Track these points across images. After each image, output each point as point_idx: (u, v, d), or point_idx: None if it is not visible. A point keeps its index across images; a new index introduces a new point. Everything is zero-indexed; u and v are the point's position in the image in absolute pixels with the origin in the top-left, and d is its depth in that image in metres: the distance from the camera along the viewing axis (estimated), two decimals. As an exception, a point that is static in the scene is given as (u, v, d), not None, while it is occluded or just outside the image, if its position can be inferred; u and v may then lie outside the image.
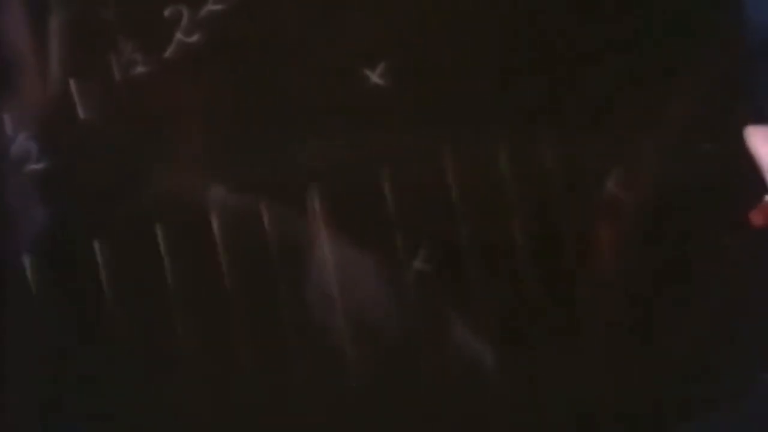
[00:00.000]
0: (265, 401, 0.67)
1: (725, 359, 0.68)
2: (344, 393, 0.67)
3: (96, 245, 0.66)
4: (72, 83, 0.65)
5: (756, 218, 0.57)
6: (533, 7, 0.66)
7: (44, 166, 0.65)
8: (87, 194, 0.66)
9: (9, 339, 0.66)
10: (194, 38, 0.64)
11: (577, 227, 0.67)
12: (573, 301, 0.67)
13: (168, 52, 0.65)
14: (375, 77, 0.65)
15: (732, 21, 0.67)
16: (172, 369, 0.67)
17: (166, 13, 0.64)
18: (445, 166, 0.66)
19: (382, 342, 0.66)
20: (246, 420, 0.67)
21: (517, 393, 0.68)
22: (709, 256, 0.68)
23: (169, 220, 0.66)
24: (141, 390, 0.66)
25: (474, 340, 0.67)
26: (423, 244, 0.66)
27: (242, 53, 0.65)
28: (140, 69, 0.65)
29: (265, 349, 0.66)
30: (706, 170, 0.66)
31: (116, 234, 0.66)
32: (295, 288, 0.66)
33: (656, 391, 0.68)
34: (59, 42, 0.64)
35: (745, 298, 0.68)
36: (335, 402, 0.67)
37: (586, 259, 0.67)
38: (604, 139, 0.66)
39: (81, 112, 0.65)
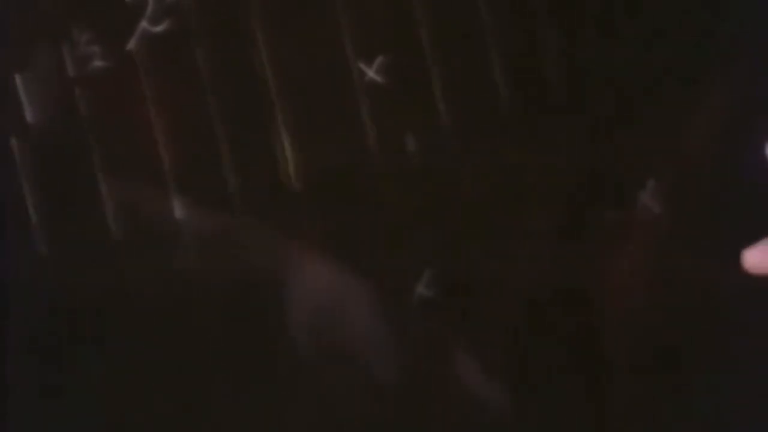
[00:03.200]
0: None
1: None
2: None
3: (48, 267, 0.62)
4: (18, 80, 0.62)
5: None
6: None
7: (-15, 176, 0.63)
8: (36, 210, 0.62)
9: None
10: (161, 27, 0.62)
11: (604, 247, 0.65)
12: (596, 335, 0.66)
13: (130, 44, 0.62)
14: (371, 73, 0.63)
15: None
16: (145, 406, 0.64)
17: (128, -2, 0.63)
18: (453, 176, 0.64)
19: (379, 379, 0.64)
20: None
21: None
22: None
23: (132, 239, 0.62)
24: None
25: (482, 378, 0.65)
26: (428, 265, 0.64)
27: (217, 45, 0.63)
28: (98, 63, 0.62)
29: (245, 393, 0.64)
30: (748, 181, 0.64)
31: (70, 256, 0.62)
32: (279, 320, 0.64)
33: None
34: (1, 32, 0.62)
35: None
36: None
37: (613, 283, 0.65)
38: (638, 148, 0.65)
39: (28, 115, 0.62)
